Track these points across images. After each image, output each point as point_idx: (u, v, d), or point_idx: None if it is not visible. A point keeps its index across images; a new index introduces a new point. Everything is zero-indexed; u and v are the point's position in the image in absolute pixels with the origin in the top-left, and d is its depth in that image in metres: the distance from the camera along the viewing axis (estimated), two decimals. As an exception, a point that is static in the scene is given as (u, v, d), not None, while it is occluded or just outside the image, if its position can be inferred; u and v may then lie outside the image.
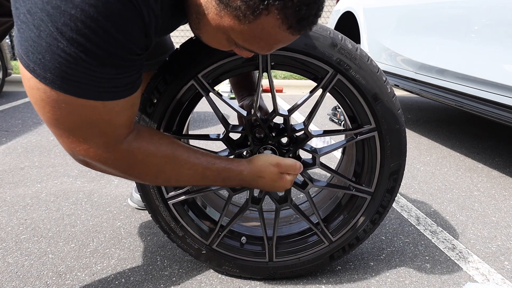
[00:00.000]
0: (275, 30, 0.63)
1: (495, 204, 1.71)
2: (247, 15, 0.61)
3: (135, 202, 1.55)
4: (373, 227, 1.08)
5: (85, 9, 0.58)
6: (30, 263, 1.18)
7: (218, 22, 0.66)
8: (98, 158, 0.75)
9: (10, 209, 1.51)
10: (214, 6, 0.64)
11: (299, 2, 0.60)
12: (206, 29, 0.71)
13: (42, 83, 0.63)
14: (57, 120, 0.68)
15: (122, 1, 0.60)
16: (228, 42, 0.71)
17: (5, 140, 2.33)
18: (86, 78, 0.64)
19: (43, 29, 0.59)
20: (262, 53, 0.72)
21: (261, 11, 0.60)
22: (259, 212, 1.07)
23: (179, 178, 0.87)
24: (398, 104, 0.98)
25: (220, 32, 0.68)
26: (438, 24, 2.29)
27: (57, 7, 0.57)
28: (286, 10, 0.60)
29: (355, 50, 0.93)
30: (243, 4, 0.60)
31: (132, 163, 0.79)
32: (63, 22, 0.58)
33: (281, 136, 1.01)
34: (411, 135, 2.79)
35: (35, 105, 0.67)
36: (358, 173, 1.10)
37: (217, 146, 2.27)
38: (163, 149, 0.82)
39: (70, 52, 0.60)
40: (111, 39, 0.61)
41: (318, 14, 0.66)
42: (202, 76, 0.93)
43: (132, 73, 0.69)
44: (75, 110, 0.67)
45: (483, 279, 1.19)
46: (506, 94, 1.79)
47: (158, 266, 1.19)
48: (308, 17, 0.63)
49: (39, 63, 0.61)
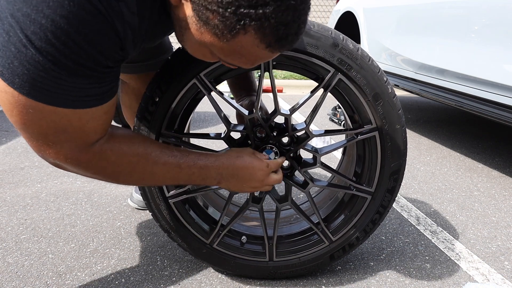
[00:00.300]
0: (254, 48, 0.63)
1: (495, 204, 1.71)
2: (225, 33, 0.61)
3: (135, 202, 1.54)
4: (373, 227, 1.08)
5: (56, 20, 0.57)
6: (30, 263, 1.18)
7: (199, 38, 0.66)
8: (69, 161, 0.73)
9: (10, 209, 1.51)
10: (194, 22, 0.64)
11: (276, 23, 0.59)
12: (189, 42, 0.70)
13: (10, 87, 0.62)
14: (25, 124, 0.67)
15: (93, 13, 0.59)
16: (212, 55, 0.70)
17: (5, 140, 2.32)
18: (55, 86, 0.63)
19: (12, 35, 0.58)
20: (246, 67, 0.71)
21: (238, 31, 0.59)
22: (259, 212, 1.07)
23: (153, 177, 0.85)
24: (399, 104, 0.98)
25: (202, 46, 0.68)
26: (438, 24, 2.29)
27: (27, 15, 0.56)
28: (264, 30, 0.59)
29: (357, 50, 0.93)
30: (221, 23, 0.59)
31: (104, 164, 0.78)
32: (33, 30, 0.57)
33: (282, 136, 1.01)
34: (411, 135, 2.79)
35: (3, 108, 0.66)
36: (359, 173, 1.10)
37: (217, 146, 2.27)
38: (135, 148, 0.81)
39: (39, 61, 0.59)
40: (81, 51, 0.60)
41: (299, 33, 0.64)
42: (204, 75, 0.93)
43: (104, 84, 0.68)
44: (44, 116, 0.66)
45: (483, 279, 1.19)
46: (506, 94, 1.79)
47: (158, 266, 1.19)
48: (287, 36, 0.62)
49: (7, 67, 0.60)
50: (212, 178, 0.89)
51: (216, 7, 0.58)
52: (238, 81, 1.19)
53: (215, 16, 0.59)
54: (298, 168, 1.04)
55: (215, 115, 3.12)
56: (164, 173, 0.84)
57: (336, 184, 1.17)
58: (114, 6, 0.61)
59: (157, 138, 0.98)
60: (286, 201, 1.07)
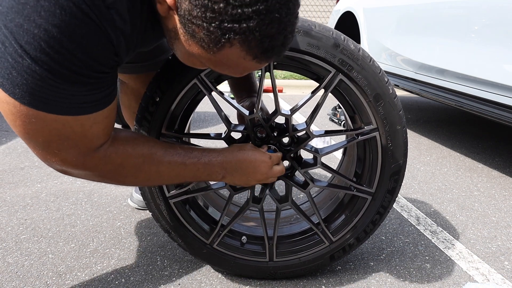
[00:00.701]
0: (240, 60, 0.63)
1: (495, 204, 1.71)
2: (211, 46, 0.61)
3: (135, 202, 1.54)
4: (373, 227, 1.08)
5: (48, 29, 0.57)
6: (30, 263, 1.18)
7: (188, 48, 0.66)
8: (75, 167, 0.74)
9: (10, 209, 1.50)
10: (182, 34, 0.64)
11: (261, 36, 0.59)
12: (179, 51, 0.71)
13: (11, 98, 0.62)
14: (28, 134, 0.68)
15: (85, 21, 0.59)
16: (202, 64, 0.71)
17: (5, 140, 2.32)
18: (54, 94, 0.63)
19: (8, 45, 0.58)
20: (235, 76, 0.72)
21: (224, 44, 0.60)
22: (260, 212, 1.07)
23: (159, 176, 0.85)
24: (400, 105, 0.98)
25: (192, 56, 0.68)
26: (438, 24, 2.29)
27: (20, 26, 0.57)
28: (249, 43, 0.60)
29: (358, 50, 0.92)
30: (206, 37, 0.60)
31: (110, 168, 0.78)
32: (26, 40, 0.57)
33: (282, 136, 1.01)
34: (411, 135, 2.79)
35: (6, 119, 0.67)
36: (359, 174, 1.10)
37: (217, 146, 2.27)
38: (139, 149, 0.81)
39: (36, 70, 0.59)
40: (75, 59, 0.61)
41: (286, 44, 0.64)
42: (205, 75, 0.93)
43: (102, 89, 0.69)
44: (46, 124, 0.66)
45: (483, 279, 1.19)
46: (506, 94, 1.79)
47: (158, 266, 1.19)
48: (273, 48, 0.62)
49: (7, 77, 0.61)
50: (217, 173, 0.90)
51: (200, 22, 0.58)
52: (239, 82, 1.19)
53: (200, 30, 0.60)
54: (298, 169, 1.04)
55: (215, 115, 3.12)
56: (170, 171, 0.85)
57: (336, 185, 1.17)
58: (105, 13, 0.61)
59: (157, 138, 0.98)
60: (287, 201, 1.07)
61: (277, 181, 1.04)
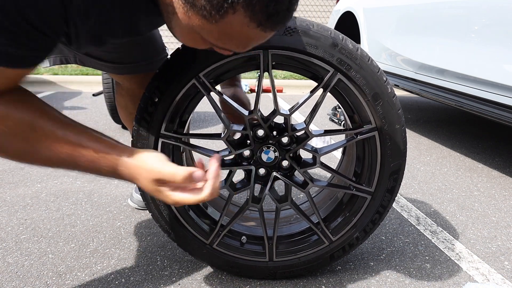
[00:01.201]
0: (244, 28, 0.60)
1: (495, 204, 1.71)
2: (213, 14, 0.58)
3: (135, 202, 1.55)
4: (373, 227, 1.08)
5: None
6: (30, 263, 1.18)
7: (187, 22, 0.63)
8: None
9: (10, 209, 1.51)
10: (181, 6, 0.62)
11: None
12: (178, 28, 0.68)
13: None
14: None
15: None
16: (203, 40, 0.67)
17: (5, 140, 2.32)
18: None
19: None
20: (238, 51, 0.68)
21: (227, 10, 0.57)
22: (259, 212, 1.07)
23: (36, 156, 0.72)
24: (399, 104, 0.98)
25: (192, 31, 0.65)
26: (438, 24, 2.29)
27: None
28: (253, 7, 0.57)
29: (356, 50, 0.93)
30: (208, 3, 0.57)
31: None
32: None
33: (281, 136, 1.01)
34: (411, 135, 2.79)
35: None
36: (358, 173, 1.10)
37: (217, 146, 2.27)
38: (19, 115, 0.68)
39: None
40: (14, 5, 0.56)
41: (291, 9, 0.61)
42: (204, 75, 0.93)
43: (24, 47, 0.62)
44: None
45: (483, 279, 1.19)
46: (506, 94, 1.79)
47: (158, 266, 1.19)
48: (278, 13, 0.59)
49: None
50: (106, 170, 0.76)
51: None
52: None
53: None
54: (297, 168, 1.04)
55: (215, 115, 3.12)
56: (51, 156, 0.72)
57: (335, 184, 1.17)
58: None
59: (156, 138, 0.98)
60: (286, 201, 1.07)
61: (276, 181, 1.05)
